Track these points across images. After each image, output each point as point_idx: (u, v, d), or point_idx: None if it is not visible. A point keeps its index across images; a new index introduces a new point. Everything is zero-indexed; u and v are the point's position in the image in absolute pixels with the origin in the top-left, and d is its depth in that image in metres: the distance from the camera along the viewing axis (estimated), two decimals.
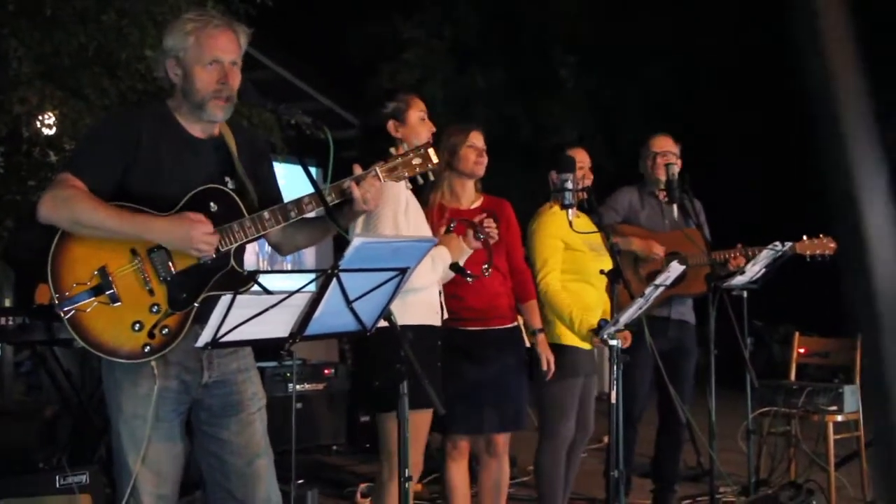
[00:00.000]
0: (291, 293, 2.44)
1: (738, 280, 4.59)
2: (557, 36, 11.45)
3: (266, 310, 2.41)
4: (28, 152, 6.34)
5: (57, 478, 3.89)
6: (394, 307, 3.38)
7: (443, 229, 3.85)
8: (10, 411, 9.21)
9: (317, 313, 2.52)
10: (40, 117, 6.18)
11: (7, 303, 9.55)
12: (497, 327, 4.09)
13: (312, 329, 2.55)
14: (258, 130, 6.37)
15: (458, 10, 11.95)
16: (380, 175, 2.86)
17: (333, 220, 2.79)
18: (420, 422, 3.47)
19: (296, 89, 11.20)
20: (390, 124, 3.67)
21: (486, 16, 11.75)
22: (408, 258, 2.59)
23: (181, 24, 2.86)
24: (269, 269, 8.99)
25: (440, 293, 3.76)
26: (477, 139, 4.14)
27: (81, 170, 2.73)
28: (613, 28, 12.63)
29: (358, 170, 2.86)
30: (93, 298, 2.69)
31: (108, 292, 2.70)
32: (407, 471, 2.74)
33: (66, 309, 2.68)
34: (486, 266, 3.80)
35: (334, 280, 2.46)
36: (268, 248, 8.50)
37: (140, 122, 2.83)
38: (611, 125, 11.36)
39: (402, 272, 2.60)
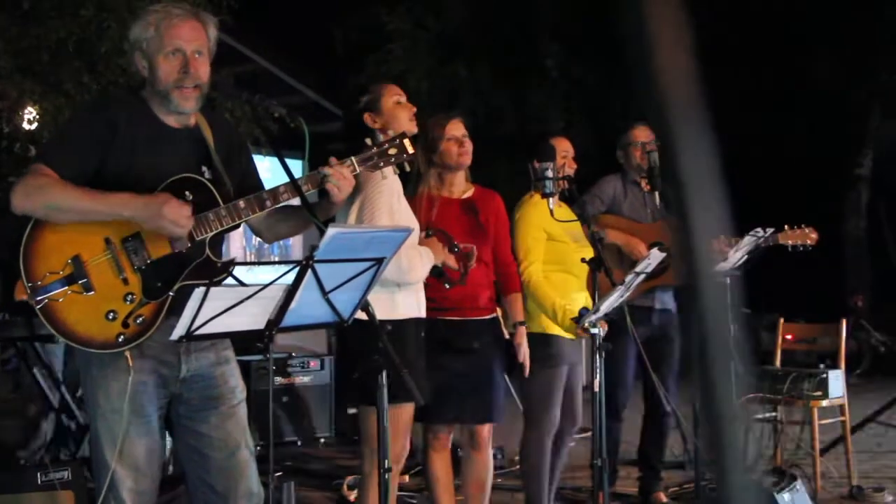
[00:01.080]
0: (266, 285, 2.42)
1: (721, 267, 4.59)
2: (542, 25, 11.43)
3: (240, 302, 2.40)
4: (9, 148, 6.30)
5: (38, 474, 3.86)
6: (384, 301, 3.40)
7: (423, 234, 3.85)
8: None
9: (293, 305, 2.50)
10: (21, 112, 6.14)
11: None
12: (475, 318, 4.08)
13: (289, 321, 2.54)
14: (241, 123, 6.34)
15: (443, 0, 11.92)
16: (355, 166, 2.84)
17: (308, 209, 2.78)
18: (402, 414, 3.46)
19: (281, 82, 11.19)
20: (366, 116, 3.66)
21: (471, 5, 11.72)
22: (383, 248, 2.58)
23: (144, 16, 2.86)
24: (256, 261, 8.96)
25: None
26: (455, 129, 4.10)
27: (55, 160, 2.71)
28: (598, 17, 12.63)
29: (334, 162, 2.85)
30: (66, 288, 2.66)
31: (81, 281, 2.67)
32: (387, 462, 2.73)
33: (38, 298, 2.65)
34: (461, 277, 3.83)
35: (310, 271, 2.44)
36: (255, 242, 8.49)
37: (115, 113, 2.80)
38: (596, 114, 11.36)
39: (379, 262, 2.58)
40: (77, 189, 2.65)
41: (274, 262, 8.46)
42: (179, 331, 2.42)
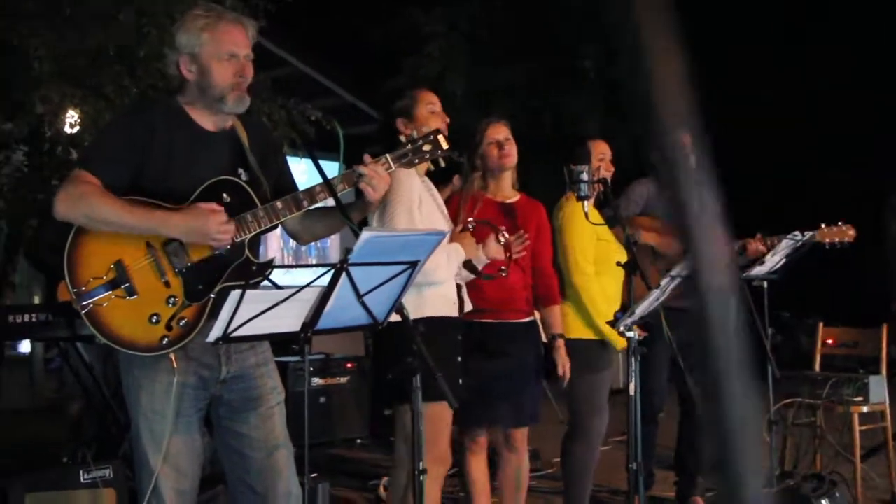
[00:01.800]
0: (301, 288, 2.44)
1: (758, 270, 4.56)
2: (579, 27, 11.39)
3: (276, 305, 2.42)
4: (50, 151, 6.40)
5: (81, 472, 3.92)
6: (411, 300, 3.40)
7: (459, 228, 3.85)
8: (39, 408, 9.36)
9: (328, 307, 2.52)
10: (62, 116, 6.23)
11: (36, 300, 9.69)
12: (512, 321, 4.07)
13: (324, 323, 2.56)
14: (278, 126, 6.40)
15: (479, 2, 11.91)
16: (390, 163, 2.86)
17: (341, 208, 2.80)
18: (440, 413, 3.46)
19: (318, 85, 11.26)
20: (399, 121, 3.68)
21: (507, 8, 11.70)
22: (417, 251, 2.59)
23: (193, 21, 2.86)
24: (294, 263, 9.03)
25: (461, 287, 3.76)
26: (496, 132, 4.12)
27: (95, 166, 2.75)
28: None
29: (368, 160, 2.87)
30: (109, 292, 2.70)
31: (124, 286, 2.71)
32: (421, 463, 2.74)
33: (83, 304, 2.70)
34: (503, 269, 3.81)
35: (344, 274, 2.46)
36: (292, 244, 8.56)
37: (152, 118, 2.84)
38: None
39: (413, 265, 2.59)
40: (119, 202, 2.69)
41: (310, 266, 8.53)
42: (216, 333, 2.45)
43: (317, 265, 7.13)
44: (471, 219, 3.94)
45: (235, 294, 2.37)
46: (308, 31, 11.36)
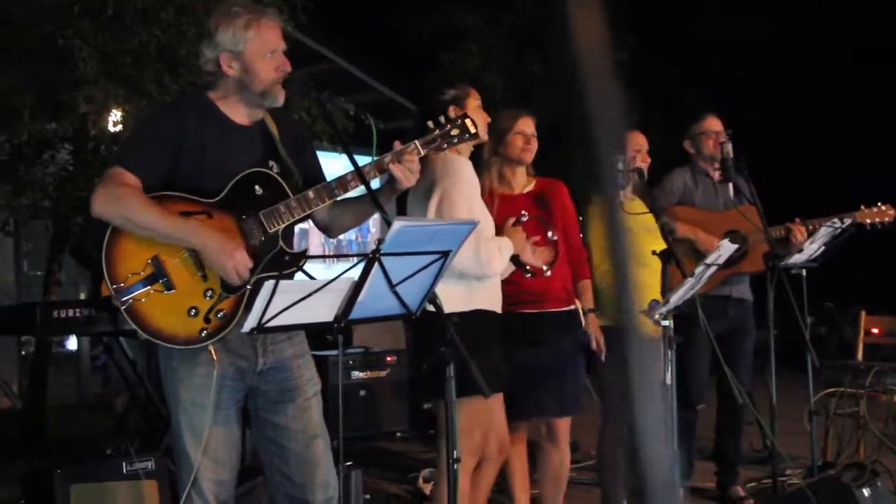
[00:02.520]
0: (333, 279, 2.47)
1: (797, 258, 4.52)
2: (617, 18, 11.32)
3: (308, 295, 2.45)
4: (94, 150, 6.50)
5: (123, 464, 3.99)
6: (460, 293, 3.43)
7: (512, 220, 3.87)
8: (86, 404, 9.54)
9: (361, 297, 2.55)
10: (106, 115, 6.33)
11: (82, 296, 9.86)
12: (553, 310, 4.08)
13: (357, 313, 2.58)
14: (316, 121, 6.44)
15: None
16: (419, 149, 2.89)
17: (373, 195, 2.83)
18: (488, 406, 3.49)
19: (356, 80, 11.29)
20: (452, 109, 3.70)
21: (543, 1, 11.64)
22: (448, 241, 2.61)
23: (234, 18, 2.88)
24: (332, 254, 9.07)
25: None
26: (526, 125, 4.14)
27: (131, 163, 2.80)
28: (675, 10, 12.52)
29: (398, 146, 2.89)
30: (148, 287, 2.75)
31: (162, 280, 2.76)
32: (455, 452, 2.76)
33: (122, 299, 2.75)
34: (546, 266, 3.82)
35: (377, 264, 2.49)
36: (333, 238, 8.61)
37: (185, 114, 2.90)
38: (670, 109, 11.23)
39: (444, 255, 2.61)
40: (155, 209, 2.73)
41: (345, 255, 8.58)
42: (251, 323, 2.48)
43: (349, 255, 7.17)
44: (524, 212, 3.97)
45: (269, 285, 2.41)
46: (345, 26, 11.42)
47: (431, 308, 2.79)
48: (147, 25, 6.30)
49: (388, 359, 7.15)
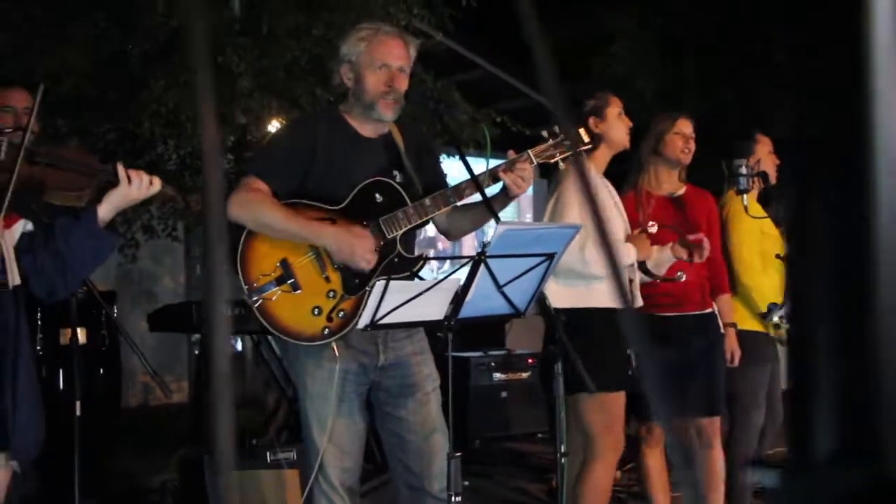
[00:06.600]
0: (439, 280, 2.62)
1: None
2: (773, 16, 10.99)
3: (418, 295, 2.61)
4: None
5: (268, 454, 4.28)
6: (580, 291, 3.52)
7: (638, 230, 3.90)
8: (246, 400, 10.02)
9: (469, 297, 2.68)
10: (265, 125, 6.72)
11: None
12: (693, 312, 4.09)
13: (466, 312, 2.72)
14: (464, 128, 6.60)
15: None
16: (532, 158, 3.00)
17: (487, 202, 2.96)
18: (613, 401, 3.56)
19: (507, 87, 11.44)
20: (591, 120, 3.79)
21: (695, 2, 11.46)
22: (551, 244, 2.71)
23: (355, 33, 3.13)
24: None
25: (632, 281, 3.82)
26: (684, 126, 4.16)
27: (264, 173, 3.05)
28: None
29: (512, 155, 3.02)
30: (277, 288, 2.98)
31: (289, 281, 2.98)
32: (563, 446, 2.85)
33: (254, 299, 2.99)
34: (680, 273, 3.84)
35: (482, 265, 2.62)
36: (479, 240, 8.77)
37: (316, 127, 3.12)
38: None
39: (549, 257, 2.72)
40: (282, 211, 2.97)
41: (457, 257, 8.74)
42: (365, 320, 2.66)
43: (457, 257, 7.28)
44: (652, 222, 3.99)
45: (380, 285, 2.57)
46: (493, 34, 11.59)
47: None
48: (299, 41, 6.65)
49: (530, 360, 7.24)
